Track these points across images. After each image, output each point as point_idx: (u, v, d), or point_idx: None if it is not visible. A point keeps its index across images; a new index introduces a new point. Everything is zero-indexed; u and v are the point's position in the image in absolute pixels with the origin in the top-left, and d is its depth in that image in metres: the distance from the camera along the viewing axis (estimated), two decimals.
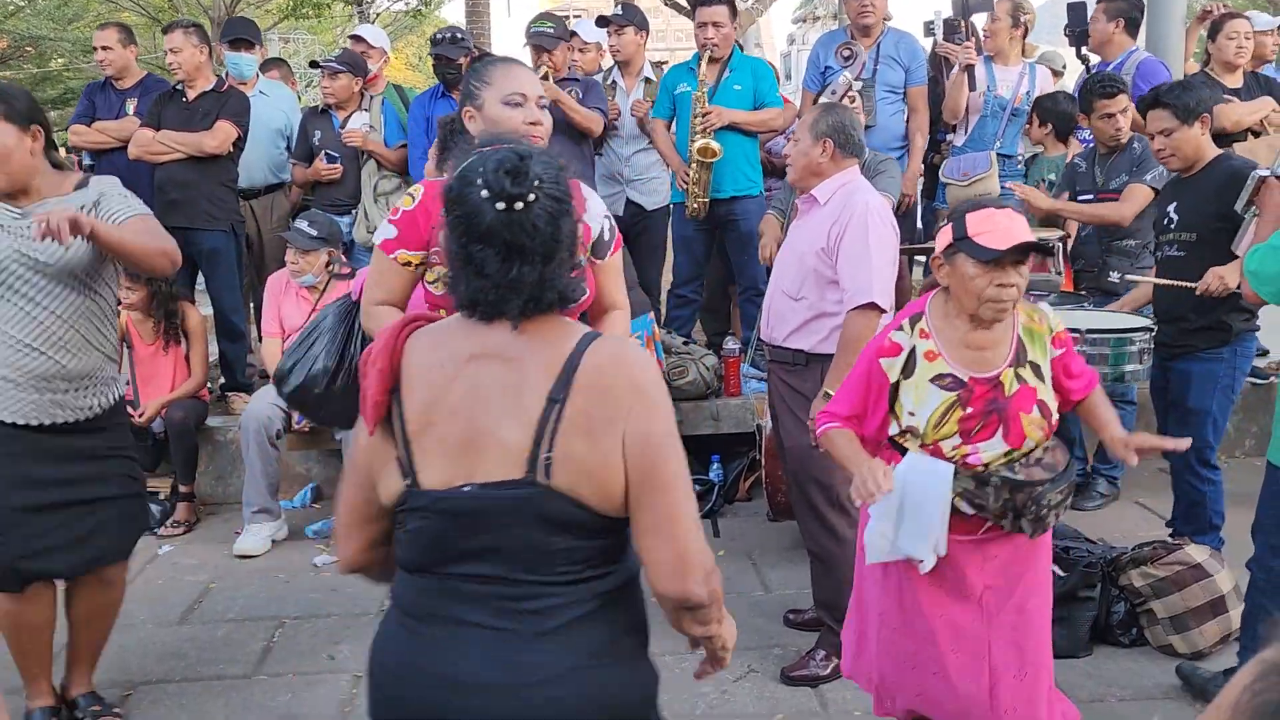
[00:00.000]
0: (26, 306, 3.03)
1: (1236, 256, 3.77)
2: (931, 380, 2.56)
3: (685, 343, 5.54)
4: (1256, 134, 5.44)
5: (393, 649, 1.75)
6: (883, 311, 3.47)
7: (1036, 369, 2.61)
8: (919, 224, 6.30)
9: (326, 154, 5.82)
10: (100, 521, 3.24)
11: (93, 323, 3.14)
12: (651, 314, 4.97)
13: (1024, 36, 5.90)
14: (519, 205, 1.63)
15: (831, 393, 3.46)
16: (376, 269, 2.72)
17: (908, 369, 2.58)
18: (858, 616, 2.88)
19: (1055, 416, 2.63)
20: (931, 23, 5.92)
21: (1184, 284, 3.92)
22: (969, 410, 2.54)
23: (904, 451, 2.62)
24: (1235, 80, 5.63)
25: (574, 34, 6.08)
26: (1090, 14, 5.87)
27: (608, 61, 6.25)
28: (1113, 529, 4.69)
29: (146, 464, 4.97)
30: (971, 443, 2.56)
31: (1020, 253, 2.49)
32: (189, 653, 3.95)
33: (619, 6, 5.97)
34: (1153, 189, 4.60)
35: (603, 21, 6.08)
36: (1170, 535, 4.19)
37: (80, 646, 3.43)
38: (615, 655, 1.72)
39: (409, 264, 2.66)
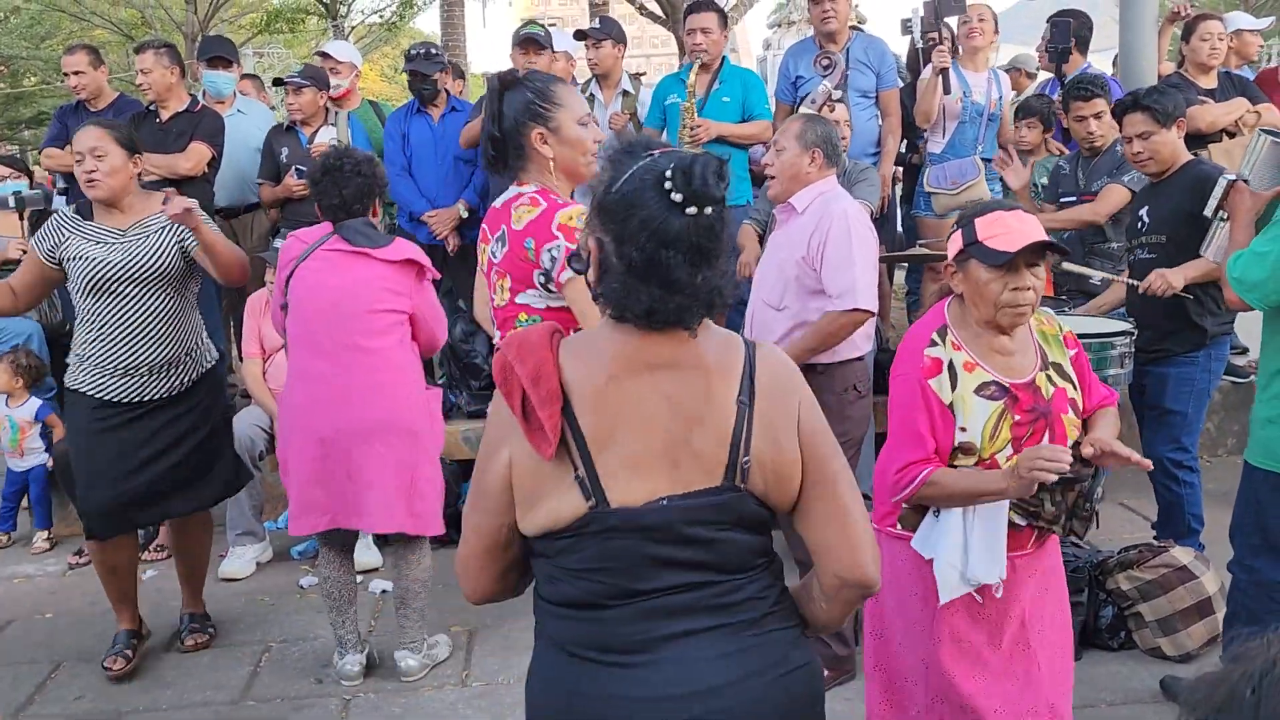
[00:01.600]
0: (125, 307, 3.73)
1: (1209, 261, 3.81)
2: (975, 391, 2.46)
3: None
4: (1231, 135, 5.47)
5: (596, 692, 1.65)
6: (870, 315, 3.48)
7: (1060, 369, 2.55)
8: (899, 229, 6.31)
9: (296, 169, 5.74)
10: (179, 479, 3.89)
11: (181, 319, 3.85)
12: None
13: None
14: (708, 209, 1.58)
15: None
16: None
17: (952, 384, 2.47)
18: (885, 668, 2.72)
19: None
20: (909, 20, 5.88)
21: (1129, 281, 4.03)
22: (1017, 418, 2.45)
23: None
24: (1209, 81, 5.67)
25: None
26: (1043, 33, 5.94)
27: (581, 71, 6.23)
28: (1098, 532, 4.65)
29: None
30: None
31: (1033, 253, 2.42)
32: (175, 680, 3.92)
33: (596, 19, 5.96)
34: (1130, 190, 4.61)
35: (580, 35, 6.08)
36: (1154, 538, 4.20)
37: (180, 574, 4.27)
38: (801, 627, 1.78)
39: None
